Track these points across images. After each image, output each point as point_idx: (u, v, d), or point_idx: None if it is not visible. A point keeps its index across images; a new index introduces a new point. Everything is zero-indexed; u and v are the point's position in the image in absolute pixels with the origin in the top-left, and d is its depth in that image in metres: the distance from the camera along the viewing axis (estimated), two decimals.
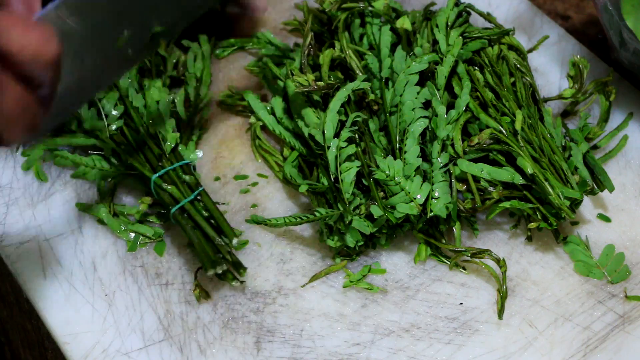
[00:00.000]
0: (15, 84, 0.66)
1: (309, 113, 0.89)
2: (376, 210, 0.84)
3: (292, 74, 0.89)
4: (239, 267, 0.84)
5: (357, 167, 0.85)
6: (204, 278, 0.87)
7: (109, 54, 0.80)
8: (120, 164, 0.91)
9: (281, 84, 0.96)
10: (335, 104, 0.87)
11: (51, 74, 0.69)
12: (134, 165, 0.89)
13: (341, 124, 0.87)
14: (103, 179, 0.92)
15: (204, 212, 0.86)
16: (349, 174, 0.85)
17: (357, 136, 0.87)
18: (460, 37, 0.92)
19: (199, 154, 0.93)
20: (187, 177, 0.88)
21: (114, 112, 0.92)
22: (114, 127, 0.91)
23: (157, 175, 0.87)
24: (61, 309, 0.85)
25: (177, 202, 0.86)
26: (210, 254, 0.83)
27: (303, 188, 0.87)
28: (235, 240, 0.84)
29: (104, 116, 0.92)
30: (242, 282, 0.85)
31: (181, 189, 0.87)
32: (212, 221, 0.86)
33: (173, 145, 0.90)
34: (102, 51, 0.80)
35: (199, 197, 0.87)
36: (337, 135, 0.86)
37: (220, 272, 0.83)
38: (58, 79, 0.70)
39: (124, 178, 0.92)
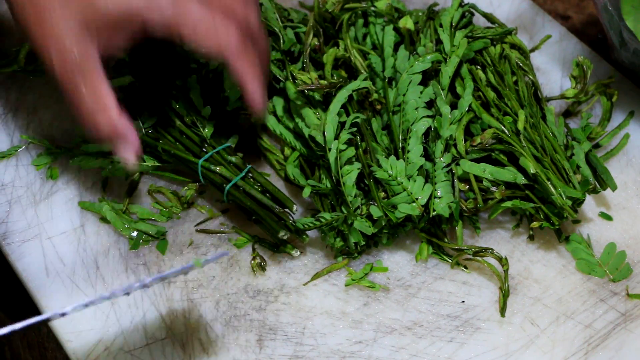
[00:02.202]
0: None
1: (310, 114, 0.89)
2: (375, 211, 0.84)
3: (292, 75, 0.89)
4: (301, 233, 0.86)
5: (358, 169, 0.85)
6: (204, 275, 0.87)
7: None
8: (156, 158, 0.93)
9: (281, 85, 0.96)
10: (335, 105, 0.87)
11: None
12: (178, 155, 0.90)
13: (341, 126, 0.87)
14: (131, 174, 0.93)
15: (256, 187, 0.88)
16: (350, 177, 0.85)
17: (358, 137, 0.87)
18: (465, 39, 0.92)
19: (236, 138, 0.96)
20: (232, 158, 0.89)
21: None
22: (148, 125, 0.93)
23: (203, 159, 0.89)
24: (64, 306, 0.85)
25: (228, 182, 0.88)
26: (273, 224, 0.85)
27: (307, 192, 0.87)
28: (295, 207, 0.86)
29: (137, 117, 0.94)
30: (300, 252, 0.88)
31: (229, 169, 0.89)
32: (267, 194, 0.87)
33: (212, 131, 0.92)
34: None
35: (249, 174, 0.89)
36: (337, 137, 0.86)
37: (285, 237, 0.85)
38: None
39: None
